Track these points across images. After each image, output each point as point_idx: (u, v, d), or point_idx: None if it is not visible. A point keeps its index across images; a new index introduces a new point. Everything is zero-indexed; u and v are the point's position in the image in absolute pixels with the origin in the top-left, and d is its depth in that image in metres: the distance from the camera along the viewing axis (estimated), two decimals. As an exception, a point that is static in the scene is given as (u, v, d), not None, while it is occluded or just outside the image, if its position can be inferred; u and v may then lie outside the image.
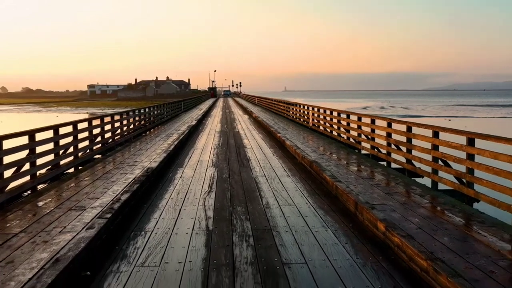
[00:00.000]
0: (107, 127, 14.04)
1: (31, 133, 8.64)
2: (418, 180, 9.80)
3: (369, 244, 5.73)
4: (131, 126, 17.57)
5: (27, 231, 6.07)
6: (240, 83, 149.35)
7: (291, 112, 27.53)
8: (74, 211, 7.02)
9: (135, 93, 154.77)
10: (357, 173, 10.00)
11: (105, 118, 13.88)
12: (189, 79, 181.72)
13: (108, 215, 6.42)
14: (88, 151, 12.12)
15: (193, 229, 6.33)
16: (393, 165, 11.12)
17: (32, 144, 8.61)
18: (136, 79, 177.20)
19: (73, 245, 5.22)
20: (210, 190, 8.80)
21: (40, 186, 8.95)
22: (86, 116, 65.38)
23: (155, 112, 23.71)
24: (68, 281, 4.57)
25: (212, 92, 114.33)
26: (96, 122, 12.95)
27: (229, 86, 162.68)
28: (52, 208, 7.20)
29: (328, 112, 18.05)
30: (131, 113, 17.86)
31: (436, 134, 8.91)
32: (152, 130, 21.35)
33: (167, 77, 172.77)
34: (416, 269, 4.86)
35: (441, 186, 8.81)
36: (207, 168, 11.30)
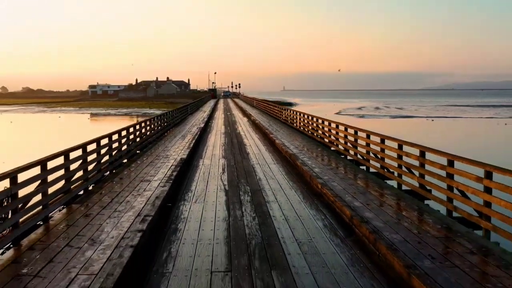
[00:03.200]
0: (143, 130, 19.01)
1: (109, 135, 13.61)
2: (362, 167, 14.71)
3: (312, 195, 10.75)
4: (155, 129, 22.54)
5: (124, 190, 10.98)
6: (239, 84, 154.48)
7: (283, 116, 32.48)
8: (144, 182, 11.93)
9: (136, 94, 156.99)
10: (321, 162, 14.94)
11: (142, 123, 18.86)
12: (188, 80, 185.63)
13: (171, 181, 11.43)
14: (133, 148, 17.06)
15: (217, 189, 11.33)
16: (349, 157, 16.06)
17: (110, 142, 13.57)
18: (136, 80, 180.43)
19: (159, 193, 10.21)
20: (223, 171, 13.80)
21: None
22: (88, 116, 70.05)
23: (171, 116, 28.70)
24: (163, 207, 9.54)
25: (212, 93, 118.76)
26: (138, 126, 17.91)
27: (228, 86, 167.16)
28: (130, 181, 12.11)
29: (310, 117, 22.99)
30: (156, 118, 22.85)
31: (368, 136, 13.88)
32: (168, 131, 26.27)
33: (167, 78, 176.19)
34: (329, 202, 9.86)
35: (372, 170, 13.75)
36: (219, 159, 16.30)
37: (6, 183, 7.24)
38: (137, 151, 17.67)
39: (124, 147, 15.68)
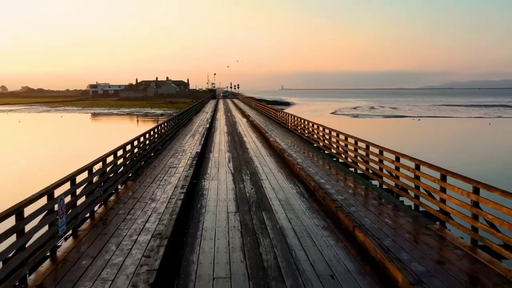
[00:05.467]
0: (162, 130, 23.57)
1: (144, 134, 18.17)
2: (334, 159, 19.27)
3: (293, 176, 15.36)
4: (171, 129, 27.12)
5: (160, 173, 15.52)
6: (238, 85, 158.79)
7: (278, 117, 37.03)
8: (172, 168, 16.48)
9: (136, 93, 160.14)
10: (304, 155, 19.52)
11: (163, 124, 23.46)
12: (188, 79, 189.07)
13: (193, 167, 16.02)
14: (157, 144, 21.61)
15: (226, 172, 15.94)
16: (326, 152, 20.64)
17: (145, 140, 18.14)
18: (136, 79, 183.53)
19: (187, 174, 14.79)
20: (229, 161, 18.42)
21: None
22: (89, 115, 74.26)
23: (181, 117, 33.31)
24: (191, 183, 14.11)
25: (212, 94, 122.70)
26: (159, 127, 22.49)
27: (227, 87, 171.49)
28: (162, 168, 16.65)
29: (299, 119, 27.56)
30: (171, 120, 27.45)
31: (337, 135, 18.48)
32: (179, 131, 30.79)
33: (167, 78, 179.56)
34: (303, 180, 14.45)
35: (340, 161, 18.33)
36: (225, 152, 20.93)
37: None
38: (159, 147, 22.24)
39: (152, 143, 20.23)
